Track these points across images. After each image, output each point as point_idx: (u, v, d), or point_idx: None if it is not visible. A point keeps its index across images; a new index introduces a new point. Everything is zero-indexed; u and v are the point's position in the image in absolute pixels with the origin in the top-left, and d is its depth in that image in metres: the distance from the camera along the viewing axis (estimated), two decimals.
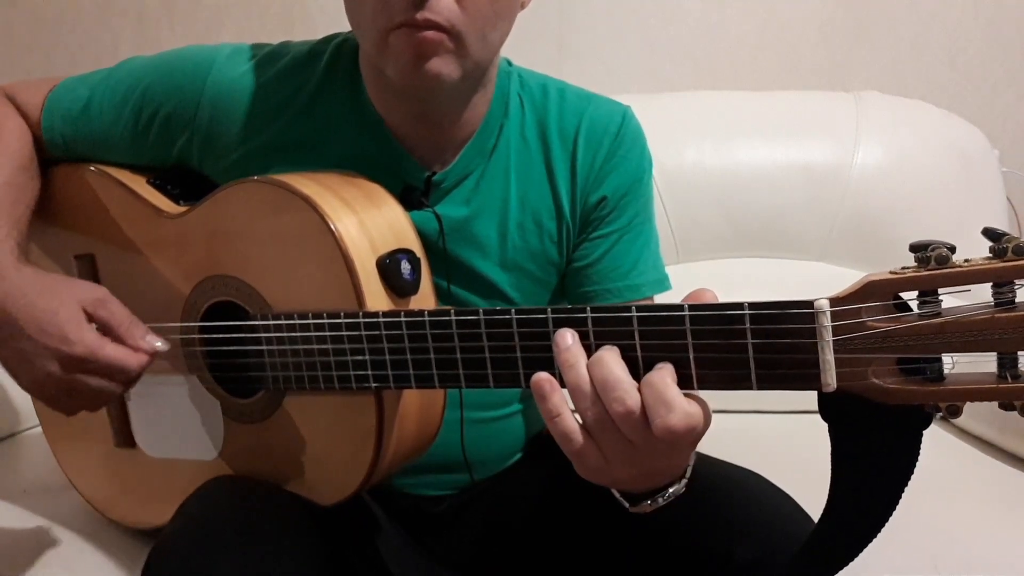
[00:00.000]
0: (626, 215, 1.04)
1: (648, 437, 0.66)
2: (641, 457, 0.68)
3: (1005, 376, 0.57)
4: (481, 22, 0.87)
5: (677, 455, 0.72)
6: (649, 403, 0.65)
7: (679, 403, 0.64)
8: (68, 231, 1.08)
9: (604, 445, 0.68)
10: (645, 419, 0.65)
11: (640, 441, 0.66)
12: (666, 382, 0.65)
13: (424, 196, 0.99)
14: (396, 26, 0.84)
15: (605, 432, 0.67)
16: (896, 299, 0.60)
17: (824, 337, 0.61)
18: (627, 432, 0.66)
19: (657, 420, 0.64)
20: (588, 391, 0.68)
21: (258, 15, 2.04)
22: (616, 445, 0.68)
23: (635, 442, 0.67)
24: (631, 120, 1.06)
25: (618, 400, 0.66)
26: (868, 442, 0.63)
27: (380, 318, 0.81)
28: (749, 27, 2.00)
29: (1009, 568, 1.11)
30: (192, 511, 0.88)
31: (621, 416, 0.66)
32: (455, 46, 0.86)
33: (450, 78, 0.87)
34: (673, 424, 0.64)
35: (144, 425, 1.05)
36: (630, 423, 0.66)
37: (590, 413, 0.67)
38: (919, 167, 1.74)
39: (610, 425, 0.67)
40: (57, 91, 1.07)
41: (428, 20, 0.83)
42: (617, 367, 0.67)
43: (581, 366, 0.68)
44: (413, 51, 0.85)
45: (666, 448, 0.68)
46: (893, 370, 0.60)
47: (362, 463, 0.88)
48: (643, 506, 0.77)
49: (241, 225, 0.92)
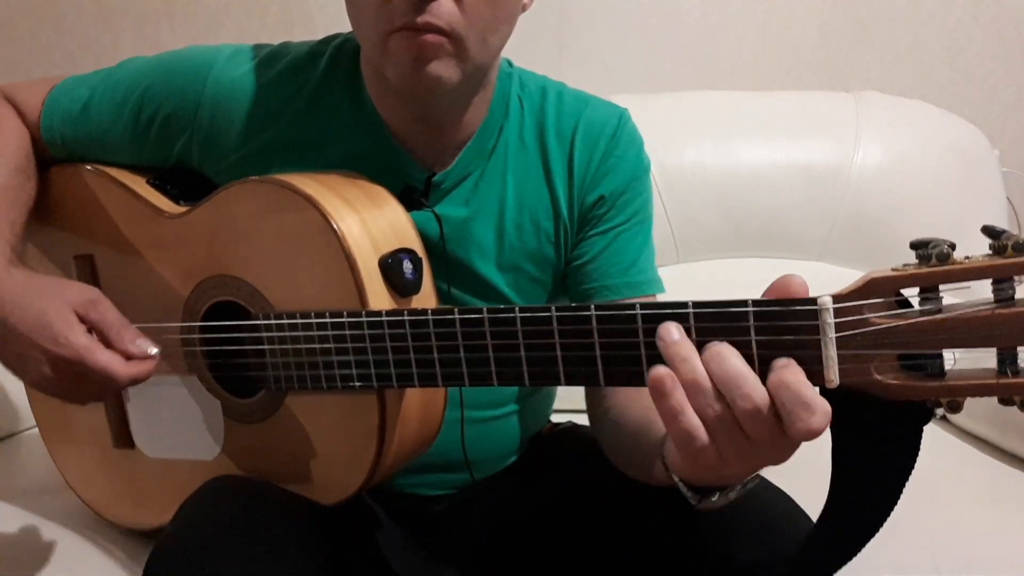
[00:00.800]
0: (624, 213, 1.04)
1: (772, 435, 0.62)
2: (756, 454, 0.65)
3: (1005, 371, 0.58)
4: (481, 26, 0.87)
5: (786, 453, 0.66)
6: (787, 406, 0.61)
7: (819, 403, 0.60)
8: (67, 231, 1.08)
9: (722, 444, 0.64)
10: (773, 417, 0.62)
11: (762, 439, 0.63)
12: (801, 381, 0.62)
13: (424, 196, 0.99)
14: (396, 29, 0.84)
15: (725, 431, 0.63)
16: (898, 296, 0.60)
17: (827, 334, 0.61)
18: (750, 430, 0.63)
19: (798, 424, 0.60)
20: (708, 387, 0.63)
21: (258, 15, 2.04)
22: (734, 444, 0.64)
23: (756, 440, 0.63)
24: (627, 122, 1.07)
25: (744, 397, 0.62)
26: (870, 437, 0.64)
27: (383, 317, 0.81)
28: (749, 27, 2.00)
29: (1009, 568, 1.11)
30: (193, 511, 0.87)
31: (748, 414, 0.62)
32: (455, 49, 0.86)
33: (450, 81, 0.88)
34: (816, 426, 0.60)
35: (143, 425, 1.05)
36: (757, 421, 0.62)
37: (710, 411, 0.63)
38: (919, 167, 1.74)
39: (732, 423, 0.63)
40: (57, 91, 1.07)
41: (428, 23, 0.83)
42: (739, 361, 0.63)
43: (696, 360, 0.64)
44: (413, 54, 0.85)
45: (790, 447, 0.64)
46: (895, 366, 0.61)
47: (364, 462, 0.88)
48: (710, 502, 0.73)
49: (243, 225, 0.93)
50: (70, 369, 0.86)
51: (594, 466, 0.98)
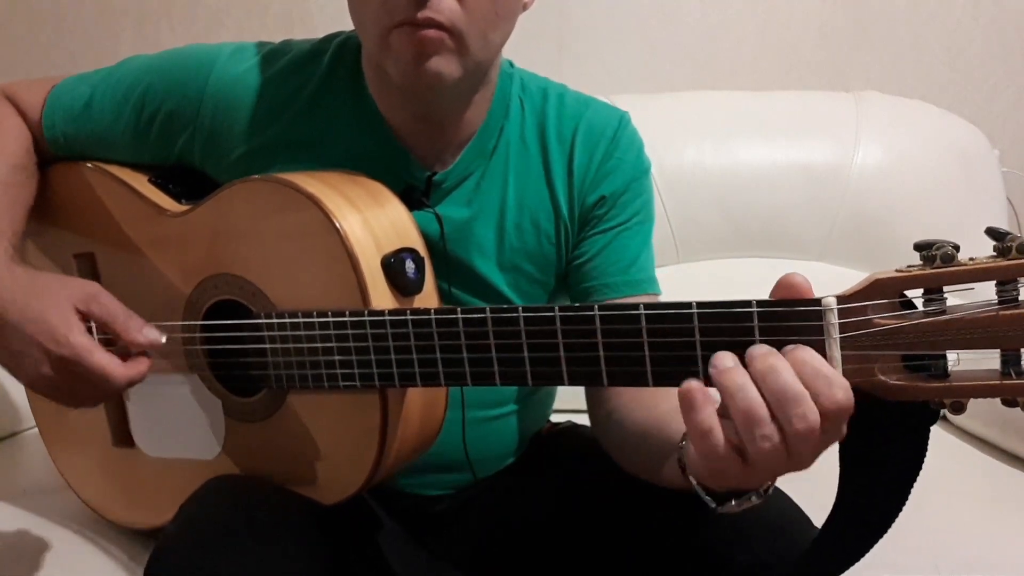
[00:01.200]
0: (625, 212, 1.04)
1: (806, 444, 0.61)
2: (785, 463, 0.62)
3: (1009, 373, 0.58)
4: (482, 22, 0.87)
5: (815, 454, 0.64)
6: (808, 379, 0.60)
7: (838, 377, 0.60)
8: (68, 230, 1.08)
9: (758, 462, 0.62)
10: (820, 432, 0.60)
11: (799, 451, 0.61)
12: (815, 355, 0.61)
13: (425, 196, 0.99)
14: (397, 24, 0.85)
15: (768, 451, 0.61)
16: (902, 297, 0.60)
17: (831, 334, 0.61)
18: (795, 448, 0.61)
19: (821, 397, 0.59)
20: (764, 416, 0.61)
21: (258, 15, 2.04)
22: (772, 460, 0.62)
23: (795, 455, 0.61)
24: (628, 124, 1.07)
25: (800, 417, 0.59)
26: (876, 438, 0.64)
27: (386, 316, 0.81)
28: (749, 27, 2.00)
29: (1010, 568, 1.11)
30: (193, 511, 0.87)
31: (800, 435, 0.60)
32: (456, 45, 0.86)
33: (451, 77, 0.88)
34: (840, 398, 0.59)
35: (143, 424, 1.05)
36: (807, 441, 0.60)
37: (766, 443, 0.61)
38: (919, 167, 1.74)
39: (780, 446, 0.61)
40: (58, 89, 1.07)
41: (429, 19, 0.83)
42: (791, 376, 0.60)
43: (751, 388, 0.61)
44: (414, 49, 0.85)
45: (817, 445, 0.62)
46: (898, 367, 0.61)
47: (365, 462, 0.88)
48: (729, 506, 0.72)
49: (245, 224, 0.93)
50: (68, 369, 0.86)
51: (594, 466, 0.98)
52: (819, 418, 0.59)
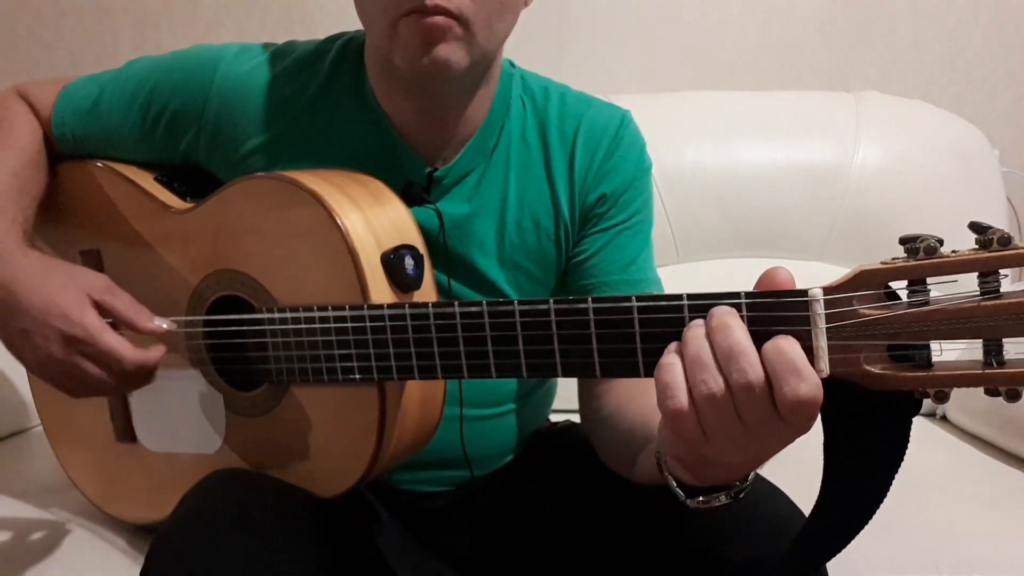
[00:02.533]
0: (626, 211, 1.05)
1: (765, 416, 0.62)
2: (747, 438, 0.64)
3: (991, 362, 0.59)
4: (488, 11, 0.88)
5: (778, 443, 0.66)
6: (778, 371, 0.61)
7: (810, 373, 0.60)
8: (74, 226, 1.09)
9: (711, 423, 0.63)
10: (767, 395, 0.61)
11: (754, 420, 0.62)
12: (795, 349, 0.61)
13: (425, 192, 1.00)
14: (406, 12, 0.86)
15: (717, 408, 0.62)
16: (887, 288, 0.61)
17: (817, 324, 0.62)
18: (742, 406, 0.62)
19: (786, 390, 0.60)
20: (710, 362, 0.63)
21: (258, 15, 2.04)
22: (725, 423, 0.63)
23: (747, 421, 0.63)
24: (629, 123, 1.08)
25: (740, 371, 0.61)
26: (860, 427, 0.64)
27: (385, 310, 0.82)
28: (749, 27, 2.00)
29: (1009, 568, 1.11)
30: (193, 503, 0.88)
31: (742, 387, 0.61)
32: (463, 33, 0.87)
33: (458, 65, 0.89)
34: (804, 394, 0.60)
35: (145, 419, 1.06)
36: (750, 396, 0.62)
37: (704, 387, 0.62)
38: (919, 167, 1.74)
39: (725, 400, 0.62)
40: (68, 89, 1.09)
41: (438, 6, 0.84)
42: (742, 335, 0.63)
43: (703, 339, 0.64)
44: (422, 37, 0.86)
45: (777, 430, 0.63)
46: (884, 357, 0.61)
47: (364, 455, 0.89)
48: (697, 502, 0.73)
49: (248, 221, 0.94)
50: (77, 349, 0.88)
51: (592, 465, 0.98)
52: (762, 374, 0.61)
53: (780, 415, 0.62)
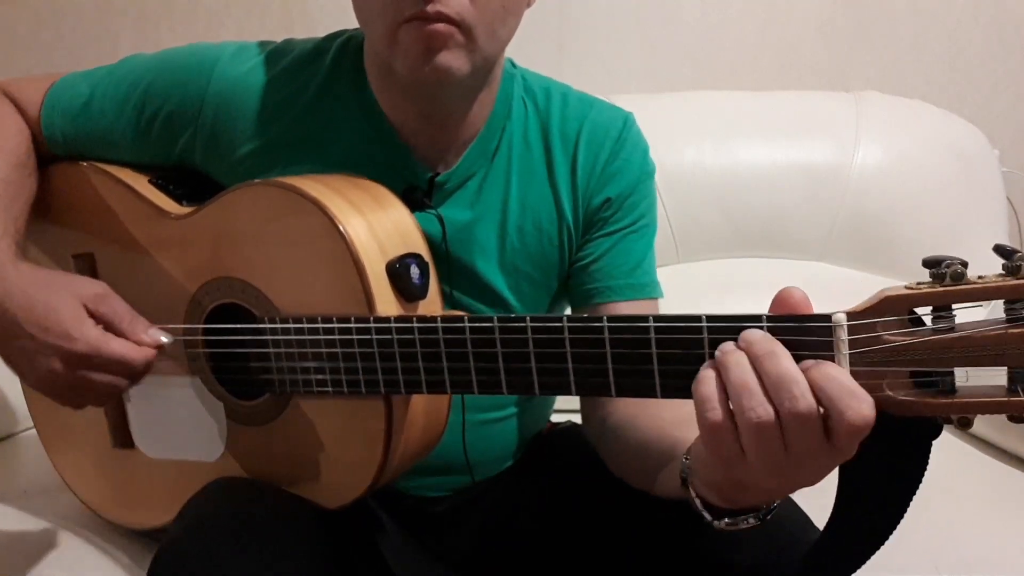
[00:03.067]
0: (631, 215, 1.04)
1: (812, 446, 0.61)
2: (790, 468, 0.62)
3: (1015, 390, 0.59)
4: (490, 16, 0.87)
5: (816, 471, 0.64)
6: (835, 397, 0.59)
7: (864, 393, 0.59)
8: (67, 230, 1.07)
9: (757, 452, 0.62)
10: (819, 424, 0.60)
11: (801, 449, 0.61)
12: (844, 374, 0.60)
13: (427, 197, 0.99)
14: (406, 19, 0.84)
15: (765, 437, 0.61)
16: (911, 314, 0.60)
17: (841, 350, 0.61)
18: (792, 437, 0.61)
19: (850, 414, 0.58)
20: (757, 388, 0.61)
21: (258, 15, 2.03)
22: (771, 453, 0.61)
23: (793, 450, 0.61)
24: (633, 125, 1.07)
25: (793, 399, 0.60)
26: (878, 452, 0.64)
27: (392, 323, 0.81)
28: (749, 27, 2.00)
29: (1010, 568, 1.12)
30: (198, 512, 0.88)
31: (797, 417, 0.60)
32: (465, 40, 0.86)
33: (460, 71, 0.87)
34: (868, 414, 0.58)
35: (143, 426, 1.05)
36: (804, 427, 0.60)
37: (753, 415, 0.60)
38: (919, 167, 1.75)
39: (774, 429, 0.61)
40: (57, 88, 1.06)
41: (439, 13, 0.83)
42: (790, 362, 0.61)
43: (747, 364, 0.62)
44: (423, 44, 0.85)
45: (820, 456, 0.62)
46: (907, 383, 0.61)
47: (369, 467, 0.88)
48: (722, 524, 0.72)
49: (248, 228, 0.92)
50: (80, 364, 0.86)
51: (594, 467, 0.98)
52: (814, 402, 0.60)
53: (830, 441, 0.60)
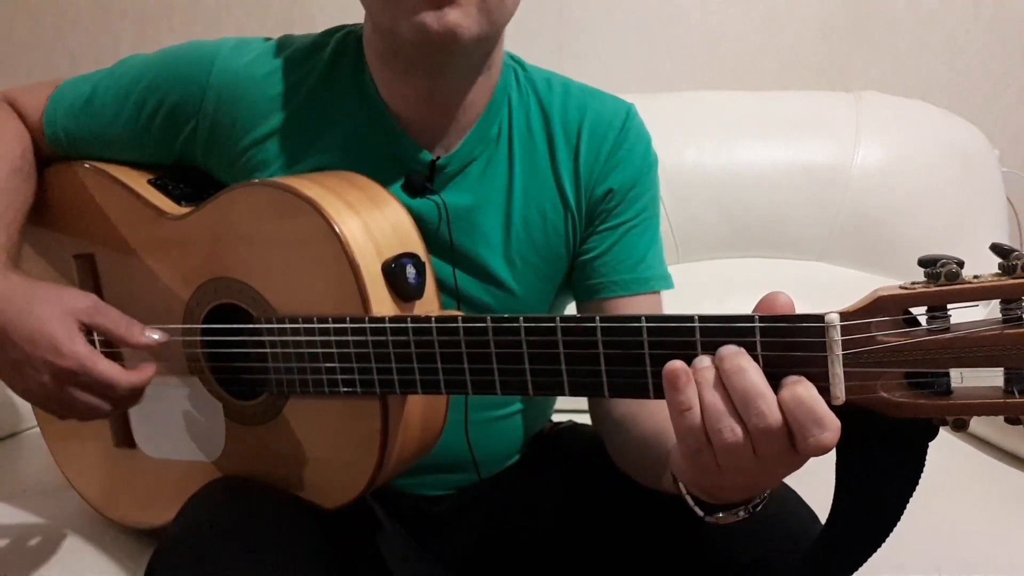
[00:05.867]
0: (634, 208, 1.04)
1: (780, 453, 0.62)
2: (758, 470, 0.64)
3: (1012, 391, 0.58)
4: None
5: (790, 469, 0.66)
6: (800, 421, 0.61)
7: (831, 420, 0.60)
8: (67, 231, 1.08)
9: (724, 458, 0.64)
10: (785, 436, 0.62)
11: (769, 456, 0.63)
12: (815, 397, 0.61)
13: (428, 181, 0.99)
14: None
15: (733, 448, 0.63)
16: (906, 314, 0.60)
17: (834, 351, 0.61)
18: (759, 447, 0.62)
19: (810, 440, 0.60)
20: (723, 409, 0.63)
21: (258, 15, 2.04)
22: (739, 458, 0.63)
23: (762, 457, 0.63)
24: (635, 116, 1.06)
25: (760, 415, 0.61)
26: (874, 454, 0.64)
27: (387, 324, 0.81)
28: (749, 27, 1.99)
29: (1010, 568, 1.11)
30: (196, 512, 0.88)
31: (762, 432, 0.62)
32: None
33: (468, 32, 0.86)
34: (827, 443, 0.60)
35: (144, 426, 1.05)
36: (768, 440, 0.62)
37: (726, 435, 0.62)
38: (919, 167, 1.74)
39: (744, 442, 0.62)
40: (61, 89, 1.07)
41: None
42: (758, 377, 0.62)
43: (718, 383, 0.64)
44: (432, 1, 0.84)
45: (794, 466, 0.64)
46: (901, 384, 0.61)
47: (366, 467, 0.88)
48: (715, 518, 0.73)
49: (245, 228, 0.92)
50: (70, 380, 0.86)
51: (595, 465, 0.98)
52: (780, 418, 0.61)
53: (795, 449, 0.62)
